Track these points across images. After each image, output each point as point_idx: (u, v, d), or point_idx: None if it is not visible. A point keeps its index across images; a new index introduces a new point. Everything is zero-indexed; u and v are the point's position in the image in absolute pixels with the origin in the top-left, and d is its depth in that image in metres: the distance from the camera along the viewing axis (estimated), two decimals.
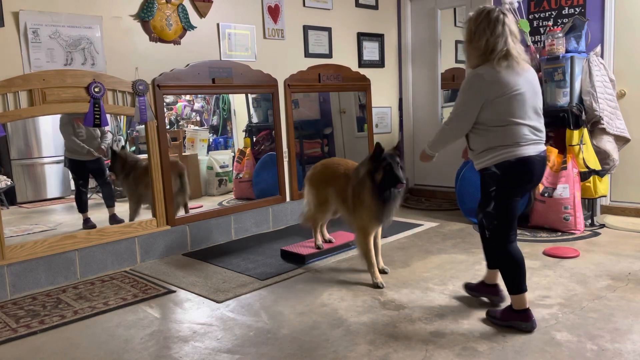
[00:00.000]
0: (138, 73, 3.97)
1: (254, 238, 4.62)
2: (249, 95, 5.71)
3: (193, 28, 4.28)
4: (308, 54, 5.17)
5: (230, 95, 6.06)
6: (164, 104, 4.27)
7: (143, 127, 4.07)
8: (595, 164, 4.33)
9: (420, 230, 4.65)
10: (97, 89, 3.71)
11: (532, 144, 2.48)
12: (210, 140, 6.25)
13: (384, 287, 3.28)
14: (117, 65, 3.87)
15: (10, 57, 3.41)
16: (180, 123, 6.39)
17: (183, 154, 5.67)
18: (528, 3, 5.05)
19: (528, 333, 2.56)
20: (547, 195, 4.32)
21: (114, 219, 4.43)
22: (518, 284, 2.58)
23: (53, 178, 4.78)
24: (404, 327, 2.70)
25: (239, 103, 6.07)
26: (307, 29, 5.15)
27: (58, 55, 3.60)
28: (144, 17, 3.99)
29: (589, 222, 4.48)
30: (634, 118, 4.60)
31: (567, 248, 3.86)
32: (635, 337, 2.48)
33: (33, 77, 3.47)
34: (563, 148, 4.39)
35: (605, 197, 4.64)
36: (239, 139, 6.04)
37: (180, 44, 4.23)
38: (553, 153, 4.40)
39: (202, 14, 4.35)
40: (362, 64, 5.74)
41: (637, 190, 4.70)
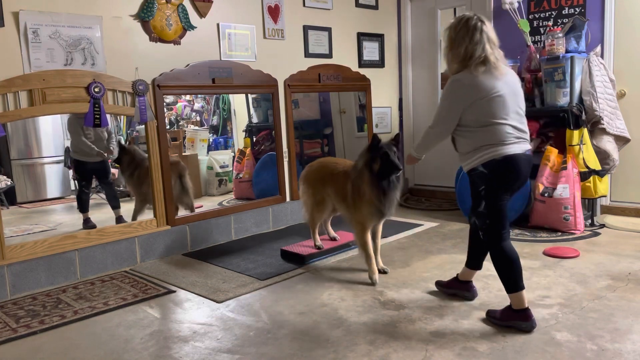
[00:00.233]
0: (138, 73, 3.97)
1: (254, 238, 4.62)
2: (249, 95, 5.70)
3: (193, 28, 4.28)
4: (308, 54, 5.17)
5: (230, 95, 6.05)
6: (164, 104, 4.26)
7: (143, 127, 4.07)
8: (595, 164, 4.33)
9: (420, 230, 4.65)
10: (97, 89, 3.71)
11: (516, 143, 2.55)
12: (210, 140, 6.25)
13: (377, 283, 3.35)
14: (117, 65, 3.87)
15: (10, 57, 3.41)
16: (180, 123, 6.39)
17: (183, 154, 5.67)
18: (528, 3, 5.05)
19: (528, 333, 2.56)
20: (547, 195, 4.32)
21: (121, 221, 4.30)
22: (515, 282, 2.61)
23: (53, 178, 4.77)
24: (404, 327, 2.70)
25: (239, 103, 6.07)
26: (307, 29, 5.15)
27: (58, 55, 3.60)
28: (144, 17, 3.99)
29: (589, 222, 4.48)
30: (634, 118, 4.60)
31: (567, 248, 3.86)
32: (635, 337, 2.48)
33: (33, 77, 3.47)
34: (563, 148, 4.39)
35: (605, 197, 4.65)
36: (239, 139, 6.04)
37: (180, 44, 4.23)
38: (553, 153, 4.40)
39: (202, 14, 4.35)
40: (362, 64, 5.74)
41: (637, 190, 4.70)
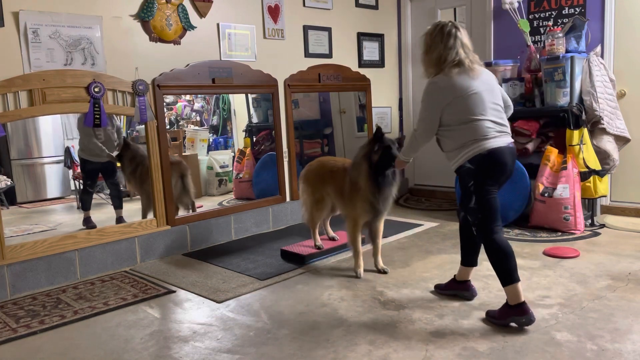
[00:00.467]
0: (138, 73, 3.97)
1: (254, 238, 4.62)
2: (249, 95, 5.70)
3: (193, 28, 4.28)
4: (308, 54, 5.17)
5: (230, 95, 6.06)
6: (164, 104, 4.26)
7: (143, 127, 4.07)
8: (596, 164, 4.33)
9: (420, 230, 4.65)
10: (97, 89, 3.71)
11: (498, 137, 2.64)
12: (210, 140, 6.25)
13: (362, 277, 3.44)
14: (117, 65, 3.87)
15: (10, 57, 3.41)
16: (180, 123, 6.39)
17: (183, 154, 5.67)
18: (528, 3, 5.05)
19: (527, 326, 2.57)
20: (547, 195, 4.32)
21: (121, 222, 4.30)
22: (510, 274, 2.62)
23: (53, 178, 4.77)
24: (404, 327, 2.70)
25: (239, 103, 6.07)
26: (307, 29, 5.15)
27: (58, 55, 3.60)
28: (144, 17, 3.99)
29: (589, 222, 4.48)
30: (634, 118, 4.60)
31: (567, 248, 3.86)
32: (635, 337, 2.48)
33: (33, 77, 3.47)
34: (563, 148, 4.39)
35: (605, 197, 4.65)
36: (239, 139, 6.04)
37: (180, 44, 4.23)
38: (553, 153, 4.40)
39: (202, 14, 4.35)
40: (362, 64, 5.74)
41: (637, 190, 4.70)
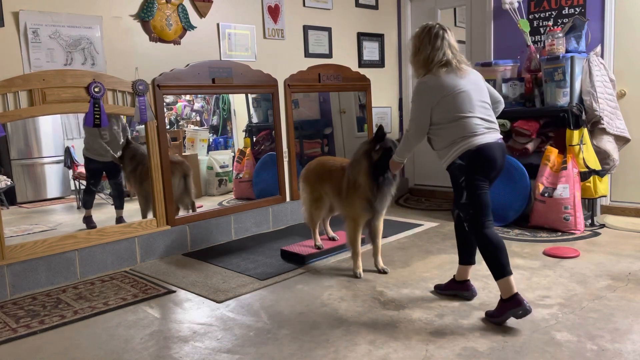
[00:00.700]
0: (138, 73, 3.97)
1: (254, 238, 4.62)
2: (249, 95, 5.70)
3: (193, 28, 4.28)
4: (308, 54, 5.17)
5: (230, 95, 6.06)
6: (164, 104, 4.26)
7: (143, 127, 4.07)
8: (596, 164, 4.33)
9: (420, 230, 4.65)
10: (97, 89, 3.71)
11: (487, 133, 2.69)
12: (210, 140, 6.25)
13: (361, 277, 3.43)
14: (117, 65, 3.87)
15: (10, 57, 3.41)
16: (180, 123, 6.39)
17: (183, 154, 5.67)
18: (528, 3, 5.05)
19: (525, 316, 2.58)
20: (547, 195, 4.32)
21: (121, 222, 4.30)
22: (502, 268, 2.64)
23: (53, 178, 4.77)
24: (404, 327, 2.70)
25: (239, 103, 6.07)
26: (307, 29, 5.15)
27: (58, 55, 3.60)
28: (144, 17, 3.99)
29: (589, 222, 4.48)
30: (634, 118, 4.60)
31: (567, 248, 3.86)
32: (635, 337, 2.48)
33: (33, 77, 3.47)
34: (563, 148, 4.39)
35: (605, 197, 4.64)
36: (239, 139, 6.04)
37: (180, 44, 4.23)
38: (553, 153, 4.40)
39: (202, 14, 4.35)
40: (362, 64, 5.74)
41: (637, 190, 4.70)
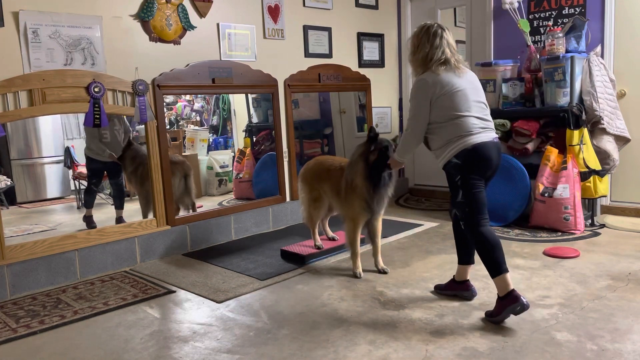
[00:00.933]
0: (138, 73, 3.97)
1: (254, 238, 4.62)
2: (249, 95, 5.70)
3: (193, 28, 4.28)
4: (308, 54, 5.17)
5: (230, 95, 6.06)
6: (164, 104, 4.26)
7: (143, 127, 4.07)
8: (596, 164, 4.33)
9: (420, 230, 4.65)
10: (97, 89, 3.71)
11: (483, 132, 2.72)
12: (210, 140, 6.25)
13: (361, 278, 3.44)
14: (117, 65, 3.87)
15: (10, 57, 3.41)
16: (180, 123, 6.39)
17: (183, 154, 5.67)
18: (528, 3, 5.04)
19: (523, 312, 2.58)
20: (547, 195, 4.32)
21: (121, 222, 4.30)
22: (497, 265, 2.65)
23: (53, 178, 4.77)
24: (404, 327, 2.70)
25: (239, 103, 6.07)
26: (307, 29, 5.15)
27: (58, 55, 3.60)
28: (144, 17, 3.99)
29: (589, 222, 4.48)
30: (634, 118, 4.60)
31: (567, 248, 3.86)
32: (635, 337, 2.48)
33: (33, 77, 3.47)
34: (563, 148, 4.39)
35: (606, 197, 4.64)
36: (239, 139, 6.04)
37: (180, 44, 4.23)
38: (553, 153, 4.40)
39: (202, 14, 4.35)
40: (362, 64, 5.74)
41: (637, 190, 4.70)
